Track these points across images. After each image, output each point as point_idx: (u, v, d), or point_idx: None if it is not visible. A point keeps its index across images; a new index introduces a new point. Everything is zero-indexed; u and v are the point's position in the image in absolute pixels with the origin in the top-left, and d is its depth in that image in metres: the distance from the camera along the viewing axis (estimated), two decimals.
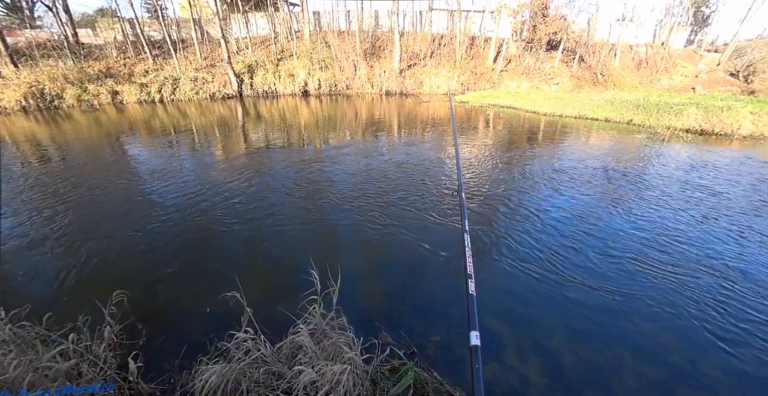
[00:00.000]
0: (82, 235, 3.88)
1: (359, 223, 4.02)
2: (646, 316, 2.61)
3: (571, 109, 11.10)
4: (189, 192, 5.32)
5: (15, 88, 13.00)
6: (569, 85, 18.09)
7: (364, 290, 2.86)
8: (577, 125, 10.19)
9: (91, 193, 5.33)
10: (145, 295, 2.77)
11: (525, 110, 11.89)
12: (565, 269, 3.17)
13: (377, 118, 11.81)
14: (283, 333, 2.04)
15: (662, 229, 3.89)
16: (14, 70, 13.73)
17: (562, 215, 4.26)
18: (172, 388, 1.97)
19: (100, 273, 3.15)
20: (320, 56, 18.88)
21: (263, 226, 4.01)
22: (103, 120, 12.46)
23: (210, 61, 18.39)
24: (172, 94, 16.17)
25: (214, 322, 2.49)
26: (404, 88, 17.96)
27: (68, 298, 2.76)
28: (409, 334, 2.45)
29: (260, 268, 3.23)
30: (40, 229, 4.07)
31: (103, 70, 15.93)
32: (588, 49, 20.35)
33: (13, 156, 8.01)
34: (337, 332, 2.02)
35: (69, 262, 3.31)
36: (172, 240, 3.74)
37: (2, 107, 12.82)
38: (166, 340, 2.35)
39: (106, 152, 8.58)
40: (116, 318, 2.16)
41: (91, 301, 2.35)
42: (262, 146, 8.79)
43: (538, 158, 6.80)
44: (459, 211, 3.69)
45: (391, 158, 7.16)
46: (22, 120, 12.00)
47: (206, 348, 2.17)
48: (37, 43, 16.26)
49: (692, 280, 3.03)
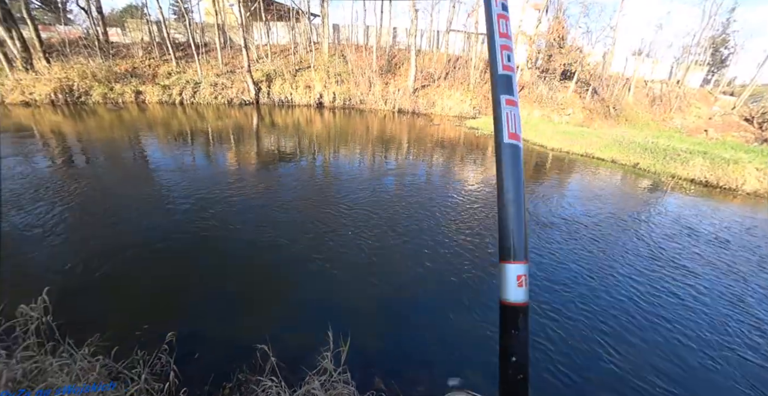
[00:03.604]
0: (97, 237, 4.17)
1: (361, 260, 4.26)
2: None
3: (579, 146, 11.26)
4: (199, 202, 5.65)
5: (46, 83, 13.58)
6: (581, 116, 18.41)
7: (363, 340, 3.09)
8: (583, 164, 10.32)
9: (110, 194, 5.65)
10: (174, 316, 3.03)
11: (533, 143, 12.10)
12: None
13: (388, 136, 12.17)
14: (299, 375, 2.43)
15: (649, 302, 4.06)
16: (46, 66, 14.34)
17: (545, 274, 4.47)
18: None
19: (124, 285, 3.42)
20: (337, 70, 19.44)
21: (276, 255, 4.27)
22: (125, 118, 12.96)
23: (230, 67, 18.99)
24: (192, 97, 16.71)
25: (235, 352, 2.75)
26: (417, 108, 18.38)
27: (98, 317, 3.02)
28: (400, 381, 2.72)
29: (281, 305, 3.49)
30: (55, 225, 4.38)
31: (129, 70, 16.54)
32: (602, 81, 20.74)
33: (38, 148, 8.44)
34: (342, 385, 2.31)
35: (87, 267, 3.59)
36: (179, 252, 4.02)
37: (33, 100, 13.39)
38: (195, 363, 2.61)
39: (125, 149, 9.03)
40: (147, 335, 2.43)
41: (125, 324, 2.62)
42: (273, 156, 9.15)
43: (538, 199, 7.01)
44: (461, 257, 3.94)
45: (400, 181, 7.47)
46: (51, 113, 12.52)
47: (229, 377, 2.51)
48: (69, 39, 16.96)
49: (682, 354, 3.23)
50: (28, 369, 1.81)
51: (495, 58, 0.43)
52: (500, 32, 0.43)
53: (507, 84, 0.42)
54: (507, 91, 0.41)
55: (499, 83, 0.42)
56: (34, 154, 8.07)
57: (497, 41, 0.43)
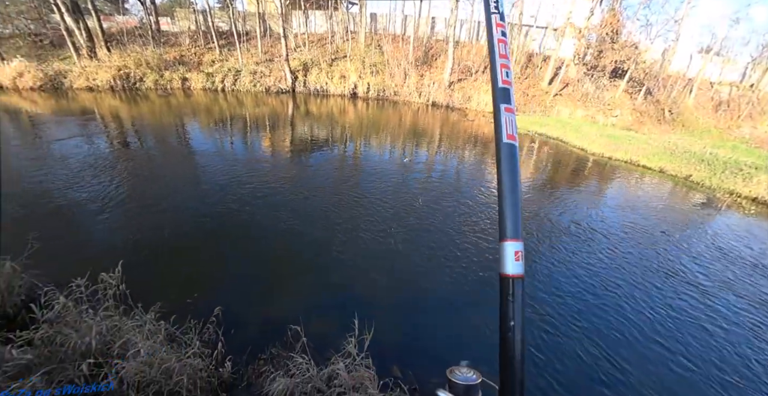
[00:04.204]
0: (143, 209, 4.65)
1: (388, 253, 4.43)
2: None
3: (624, 151, 10.40)
4: (236, 186, 6.13)
5: (107, 70, 14.83)
6: (629, 119, 17.10)
7: (386, 329, 3.26)
8: (626, 172, 9.53)
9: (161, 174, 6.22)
10: (221, 296, 3.38)
11: (573, 146, 11.39)
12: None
13: (420, 130, 12.09)
14: (325, 355, 2.68)
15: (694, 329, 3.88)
16: (107, 54, 15.60)
17: (572, 287, 4.38)
18: (240, 379, 2.59)
19: (171, 263, 3.84)
20: (372, 60, 19.39)
21: (303, 241, 4.55)
22: (173, 103, 13.91)
23: (269, 55, 19.55)
24: (233, 85, 17.48)
25: (270, 329, 3.06)
26: (451, 102, 17.98)
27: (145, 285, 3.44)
28: (416, 372, 2.90)
29: (315, 297, 3.76)
30: (111, 201, 4.94)
31: (177, 58, 17.56)
32: (658, 81, 19.03)
33: (100, 131, 9.39)
34: (364, 368, 2.51)
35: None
36: (211, 234, 4.40)
37: (96, 85, 14.70)
38: (236, 336, 2.94)
39: (171, 133, 9.84)
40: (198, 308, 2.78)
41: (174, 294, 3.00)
42: (306, 144, 9.51)
43: (568, 206, 6.75)
44: (485, 258, 3.98)
45: (428, 176, 7.53)
46: (110, 98, 13.71)
47: (264, 351, 2.83)
48: (126, 29, 18.25)
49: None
50: (110, 326, 2.17)
51: (496, 74, 0.52)
52: (500, 54, 0.53)
53: (506, 95, 0.52)
54: (505, 101, 0.51)
55: (498, 95, 0.52)
56: (95, 135, 8.98)
57: (497, 61, 0.52)
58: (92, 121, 10.31)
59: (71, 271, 2.67)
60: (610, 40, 17.50)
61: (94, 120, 10.43)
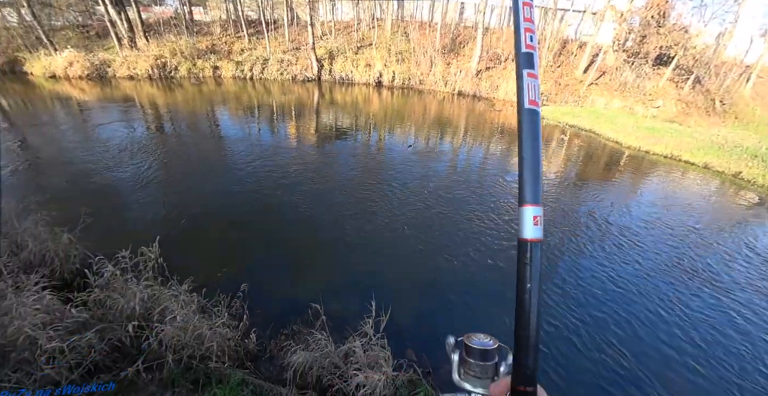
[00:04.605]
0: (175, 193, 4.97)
1: (408, 240, 4.48)
2: None
3: (664, 145, 9.60)
4: (262, 170, 6.40)
5: (145, 59, 15.60)
6: (673, 110, 15.78)
7: (402, 314, 3.34)
8: (666, 167, 8.79)
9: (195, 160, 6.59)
10: (248, 274, 3.60)
11: (607, 138, 10.71)
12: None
13: (445, 120, 11.86)
14: (343, 334, 2.81)
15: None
16: (146, 43, 16.37)
17: (600, 291, 4.21)
18: (263, 351, 2.79)
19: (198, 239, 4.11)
20: (398, 48, 19.05)
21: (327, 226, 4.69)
22: (204, 91, 14.47)
23: (296, 44, 19.70)
24: (260, 73, 17.87)
25: (291, 307, 3.23)
26: (478, 91, 17.41)
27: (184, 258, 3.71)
28: (430, 357, 2.97)
29: (334, 278, 3.92)
30: (147, 181, 5.33)
31: (209, 47, 18.12)
32: (710, 69, 17.34)
33: (138, 116, 10.03)
34: (379, 348, 2.61)
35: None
36: (253, 215, 4.63)
37: (136, 74, 15.56)
38: (261, 311, 3.13)
39: (202, 119, 10.33)
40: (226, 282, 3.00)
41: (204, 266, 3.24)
42: (330, 132, 9.64)
43: (596, 203, 6.42)
44: (505, 249, 3.93)
45: (452, 166, 7.46)
46: (148, 86, 14.49)
47: (286, 326, 3.01)
48: (163, 19, 18.99)
49: None
50: (150, 294, 2.39)
51: (519, 38, 0.51)
52: (525, 17, 0.51)
53: (529, 60, 0.51)
54: (529, 66, 0.50)
55: (522, 59, 0.51)
56: (134, 120, 9.59)
57: (522, 24, 0.51)
58: (132, 107, 10.97)
59: (116, 244, 2.95)
60: (656, 23, 16.09)
61: (134, 107, 11.10)
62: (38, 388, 1.73)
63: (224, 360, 2.41)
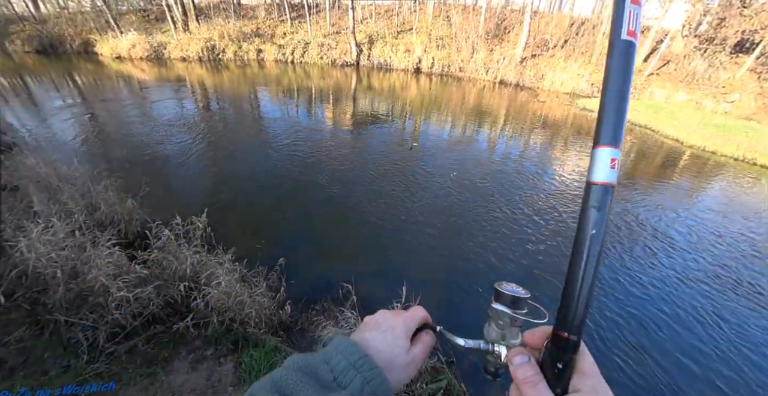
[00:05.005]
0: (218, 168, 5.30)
1: (442, 230, 4.45)
2: None
3: (734, 146, 8.45)
4: (299, 150, 6.66)
5: (196, 42, 16.43)
6: (751, 106, 13.86)
7: (431, 302, 3.36)
8: (735, 171, 7.72)
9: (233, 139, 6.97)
10: (286, 250, 3.81)
11: (665, 136, 9.64)
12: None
13: (483, 109, 11.37)
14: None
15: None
16: (197, 27, 17.19)
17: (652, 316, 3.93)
18: (295, 323, 2.97)
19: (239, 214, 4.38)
20: (439, 33, 18.37)
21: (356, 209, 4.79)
22: (248, 73, 15.04)
23: (336, 28, 19.65)
24: (301, 57, 18.14)
25: (324, 285, 3.39)
26: (522, 80, 16.42)
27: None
28: (454, 347, 2.99)
29: (368, 259, 4.03)
30: (193, 155, 5.79)
31: (254, 30, 18.63)
32: None
33: (189, 95, 10.74)
34: None
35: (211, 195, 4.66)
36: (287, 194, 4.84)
37: (187, 56, 16.50)
38: (295, 286, 3.31)
39: (245, 100, 10.88)
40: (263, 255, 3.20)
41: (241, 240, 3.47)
42: (365, 118, 9.67)
43: (654, 210, 5.78)
44: (545, 255, 3.79)
45: (488, 159, 7.21)
46: (198, 67, 15.32)
47: (317, 302, 3.18)
48: (213, 3, 19.73)
49: None
50: (199, 259, 2.61)
51: None
52: None
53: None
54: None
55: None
56: (185, 99, 10.27)
57: None
58: (183, 87, 11.70)
59: (167, 211, 3.24)
60: (739, 3, 14.01)
61: (184, 86, 11.84)
62: (108, 328, 2.00)
63: (260, 327, 2.60)
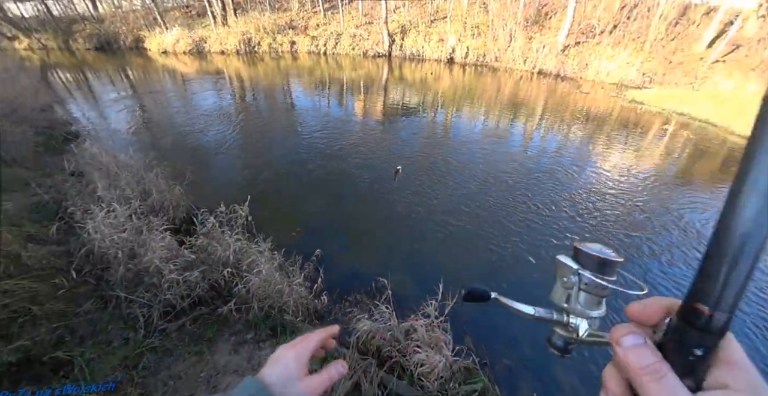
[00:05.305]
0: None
1: (480, 227, 4.28)
2: None
3: None
4: (331, 142, 6.73)
5: (234, 35, 16.96)
6: None
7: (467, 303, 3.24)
8: None
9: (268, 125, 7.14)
10: (322, 241, 3.84)
11: (729, 131, 8.50)
12: None
13: (519, 101, 10.78)
14: (403, 310, 2.81)
15: None
16: (235, 20, 17.72)
17: None
18: (329, 313, 2.99)
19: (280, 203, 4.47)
20: (475, 21, 17.57)
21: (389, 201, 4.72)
22: (282, 65, 15.34)
23: (369, 18, 19.41)
24: (333, 48, 18.17)
25: (358, 277, 3.39)
26: (563, 70, 15.35)
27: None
28: (488, 348, 2.89)
29: (402, 256, 3.99)
30: (229, 144, 6.05)
31: (288, 22, 18.87)
32: None
33: (226, 87, 11.18)
34: (440, 331, 2.60)
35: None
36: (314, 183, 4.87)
37: (226, 49, 17.12)
38: (329, 276, 3.25)
39: (278, 91, 11.17)
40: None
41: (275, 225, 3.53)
42: (396, 109, 9.54)
43: (698, 209, 5.18)
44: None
45: (521, 154, 6.82)
46: (235, 60, 15.85)
47: (350, 294, 3.18)
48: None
49: None
50: (241, 247, 2.68)
51: None
52: None
53: None
54: None
55: None
56: (222, 90, 10.68)
57: None
58: (221, 79, 12.17)
59: (209, 199, 3.34)
60: None
61: (222, 78, 12.30)
62: (161, 307, 2.10)
63: (297, 315, 2.64)
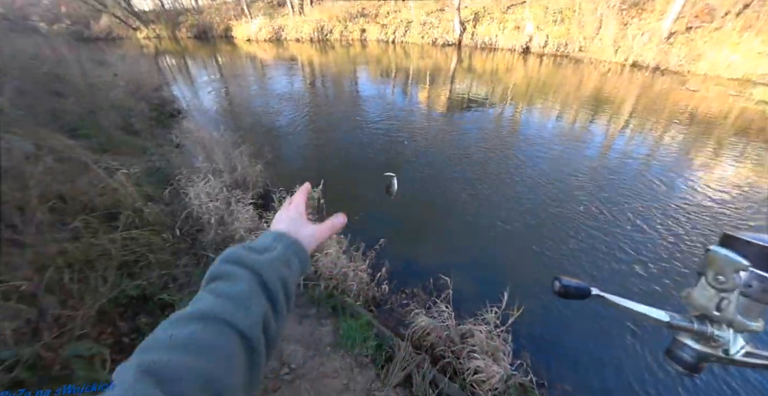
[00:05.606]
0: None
1: (560, 236, 3.92)
2: None
3: None
4: (394, 131, 6.76)
5: (309, 24, 17.72)
6: None
7: (533, 316, 2.97)
8: None
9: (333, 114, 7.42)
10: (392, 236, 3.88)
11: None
12: None
13: (603, 99, 9.44)
14: (460, 313, 2.70)
15: None
16: (311, 9, 18.47)
17: None
18: (385, 302, 3.01)
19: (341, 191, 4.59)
20: (558, 5, 15.77)
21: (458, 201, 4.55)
22: (351, 53, 15.67)
23: (440, 5, 18.66)
24: (402, 37, 17.95)
25: (417, 272, 3.36)
26: (665, 62, 12.90)
27: None
28: (548, 368, 2.65)
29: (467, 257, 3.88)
30: (299, 127, 6.55)
31: (359, 11, 19.07)
32: None
33: (299, 73, 11.84)
34: (500, 341, 2.45)
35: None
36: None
37: (301, 37, 18.05)
38: (389, 266, 3.25)
39: (346, 78, 11.62)
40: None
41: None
42: (462, 102, 9.14)
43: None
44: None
45: (601, 160, 6.00)
46: (309, 48, 16.64)
47: (407, 286, 3.19)
48: None
49: None
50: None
51: None
52: None
53: None
54: None
55: None
56: (294, 76, 11.36)
57: None
58: (295, 65, 12.92)
59: (284, 178, 3.54)
60: None
61: (296, 65, 13.06)
62: None
63: (357, 299, 2.70)
